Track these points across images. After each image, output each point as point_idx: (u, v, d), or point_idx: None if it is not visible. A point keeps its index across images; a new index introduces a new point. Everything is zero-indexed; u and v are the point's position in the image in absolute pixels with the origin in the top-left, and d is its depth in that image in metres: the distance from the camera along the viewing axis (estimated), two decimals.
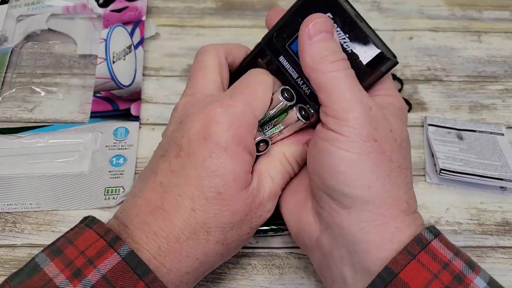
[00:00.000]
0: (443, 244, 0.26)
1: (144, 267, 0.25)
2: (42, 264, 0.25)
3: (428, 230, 0.26)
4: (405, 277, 0.25)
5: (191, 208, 0.27)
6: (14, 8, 0.51)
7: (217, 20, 0.54)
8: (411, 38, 0.53)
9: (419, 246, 0.25)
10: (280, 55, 0.31)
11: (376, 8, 0.56)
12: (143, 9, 0.51)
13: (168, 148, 0.29)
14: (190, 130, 0.28)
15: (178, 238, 0.27)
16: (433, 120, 0.45)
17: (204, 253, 0.28)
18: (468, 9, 0.56)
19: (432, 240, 0.26)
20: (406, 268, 0.25)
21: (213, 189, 0.27)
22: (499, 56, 0.52)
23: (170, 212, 0.27)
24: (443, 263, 0.25)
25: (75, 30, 0.50)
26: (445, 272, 0.25)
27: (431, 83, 0.49)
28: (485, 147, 0.43)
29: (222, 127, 0.27)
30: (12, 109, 0.44)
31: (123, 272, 0.25)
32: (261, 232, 0.37)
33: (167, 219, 0.27)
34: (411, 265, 0.25)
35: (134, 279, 0.24)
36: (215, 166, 0.27)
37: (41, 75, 0.47)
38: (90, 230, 0.26)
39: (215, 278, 0.35)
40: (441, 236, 0.27)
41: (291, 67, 0.31)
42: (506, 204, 0.41)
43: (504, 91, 0.49)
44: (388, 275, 0.25)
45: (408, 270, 0.25)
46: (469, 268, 0.25)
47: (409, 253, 0.25)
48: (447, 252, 0.26)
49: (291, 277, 0.36)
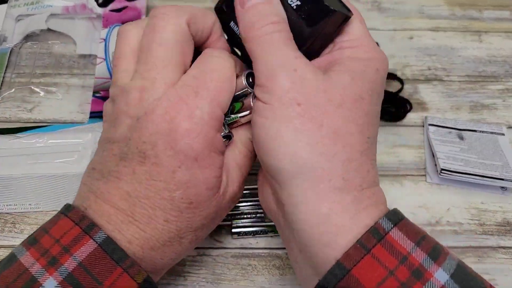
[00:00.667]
0: (403, 233, 0.23)
1: (121, 252, 0.25)
2: (18, 254, 0.25)
3: (387, 217, 0.24)
4: (357, 274, 0.22)
5: (164, 219, 0.26)
6: (14, 8, 0.51)
7: None
8: (411, 38, 0.53)
9: (375, 238, 0.23)
10: (230, 21, 0.28)
11: (376, 8, 0.56)
12: (142, 9, 0.51)
13: (127, 151, 0.26)
14: (153, 136, 0.25)
15: (153, 246, 0.26)
16: (433, 120, 0.45)
17: (178, 253, 0.28)
18: (468, 8, 0.56)
19: (390, 229, 0.23)
20: (359, 264, 0.23)
21: (185, 200, 0.26)
22: (499, 56, 0.52)
23: (143, 223, 0.26)
24: (402, 257, 0.23)
25: (74, 30, 0.50)
26: (402, 267, 0.22)
27: (432, 83, 0.49)
28: (485, 147, 0.42)
29: (190, 136, 0.25)
30: (11, 109, 0.44)
31: (99, 259, 0.24)
32: (261, 233, 0.37)
33: (141, 229, 0.26)
34: (364, 260, 0.23)
35: (111, 265, 0.24)
36: (186, 177, 0.25)
37: (41, 75, 0.47)
38: (65, 218, 0.25)
39: (215, 278, 0.35)
40: (403, 222, 0.24)
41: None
42: (507, 204, 0.40)
43: (505, 91, 0.49)
44: (340, 271, 0.23)
45: (362, 266, 0.22)
46: (431, 260, 0.23)
47: (363, 247, 0.23)
48: (407, 243, 0.23)
49: (291, 277, 0.36)
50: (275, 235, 0.37)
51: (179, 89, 0.26)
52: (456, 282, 0.22)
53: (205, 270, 0.36)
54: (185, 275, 0.35)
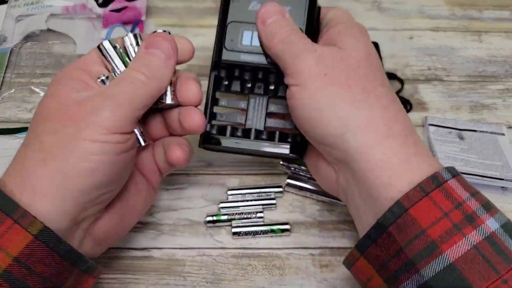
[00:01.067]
0: (460, 185, 0.26)
1: (11, 203, 0.24)
2: None
3: (447, 169, 0.26)
4: (415, 213, 0.25)
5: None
6: (14, 8, 0.51)
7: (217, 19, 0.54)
8: (412, 38, 0.53)
9: (434, 184, 0.25)
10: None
11: (376, 8, 0.56)
12: (142, 9, 0.51)
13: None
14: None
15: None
16: (433, 120, 0.45)
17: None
18: (468, 8, 0.56)
19: (449, 179, 0.26)
20: (417, 204, 0.25)
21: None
22: (499, 55, 0.52)
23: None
24: (457, 203, 0.25)
25: (74, 30, 0.50)
26: (456, 211, 0.25)
27: (432, 83, 0.49)
28: (485, 147, 0.42)
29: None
30: (11, 110, 0.44)
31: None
32: (261, 233, 0.37)
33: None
34: (422, 201, 0.25)
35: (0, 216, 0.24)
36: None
37: (41, 75, 0.47)
38: None
39: (215, 278, 0.35)
40: (460, 177, 0.27)
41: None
42: (507, 204, 0.40)
43: (505, 91, 0.49)
44: (399, 209, 0.25)
45: (419, 207, 0.25)
46: (484, 209, 0.25)
47: (422, 190, 0.25)
48: (463, 192, 0.26)
49: (291, 277, 0.36)
50: (275, 235, 0.38)
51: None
52: (506, 232, 0.24)
53: (205, 270, 0.36)
54: (185, 275, 0.35)
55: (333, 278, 0.36)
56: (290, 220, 0.39)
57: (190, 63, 0.49)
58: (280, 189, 0.39)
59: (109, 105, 0.27)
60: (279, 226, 0.37)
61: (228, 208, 0.38)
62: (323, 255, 0.37)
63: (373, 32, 0.53)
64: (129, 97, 0.28)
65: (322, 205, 0.40)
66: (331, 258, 0.37)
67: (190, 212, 0.39)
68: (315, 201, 0.40)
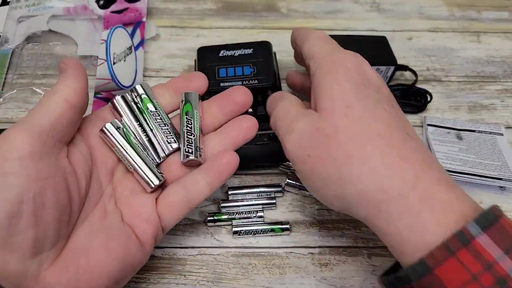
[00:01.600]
0: (492, 240, 0.23)
1: None
2: None
3: (476, 220, 0.23)
4: (440, 275, 0.23)
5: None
6: (15, 9, 0.51)
7: (217, 21, 0.54)
8: (411, 39, 0.53)
9: (460, 242, 0.23)
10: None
11: (375, 8, 0.56)
12: (143, 10, 0.52)
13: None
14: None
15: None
16: (432, 120, 0.45)
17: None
18: (467, 9, 0.56)
19: (477, 235, 0.23)
20: (442, 265, 0.23)
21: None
22: (498, 56, 0.52)
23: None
24: (487, 264, 0.23)
25: (75, 31, 0.50)
26: (487, 274, 0.22)
27: (431, 83, 0.49)
28: (484, 147, 0.43)
29: None
30: (13, 110, 0.45)
31: None
32: (261, 232, 0.37)
33: None
34: (448, 262, 0.23)
35: None
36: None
37: (42, 76, 0.47)
38: None
39: (216, 277, 0.36)
40: (495, 226, 0.23)
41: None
42: (505, 204, 0.41)
43: (503, 91, 0.49)
44: (424, 269, 0.23)
45: (445, 268, 0.23)
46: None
47: (448, 249, 0.23)
48: (495, 250, 0.23)
49: (291, 276, 0.36)
50: (275, 234, 0.38)
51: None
52: None
53: (206, 269, 0.36)
54: (186, 274, 0.36)
55: (333, 276, 0.36)
56: (290, 220, 0.39)
57: (190, 63, 0.50)
58: (280, 188, 0.40)
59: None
60: (279, 225, 0.38)
61: (229, 208, 0.39)
62: (322, 254, 0.37)
63: (372, 33, 0.53)
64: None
65: (321, 204, 0.40)
66: (330, 257, 0.37)
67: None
68: (314, 201, 0.40)
